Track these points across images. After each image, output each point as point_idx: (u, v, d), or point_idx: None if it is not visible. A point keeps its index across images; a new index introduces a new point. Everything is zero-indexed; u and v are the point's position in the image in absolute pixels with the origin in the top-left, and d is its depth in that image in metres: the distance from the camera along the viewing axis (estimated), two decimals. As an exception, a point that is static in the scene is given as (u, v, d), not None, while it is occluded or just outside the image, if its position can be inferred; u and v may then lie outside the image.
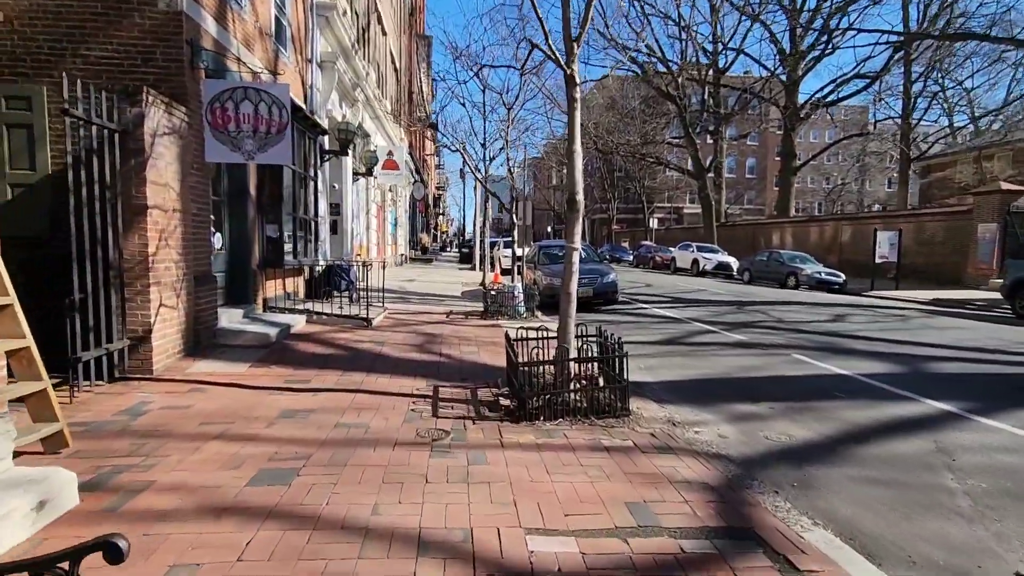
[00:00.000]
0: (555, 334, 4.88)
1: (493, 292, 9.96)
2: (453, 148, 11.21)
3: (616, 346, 4.56)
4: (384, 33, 20.95)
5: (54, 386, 4.13)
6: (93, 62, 5.53)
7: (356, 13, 14.78)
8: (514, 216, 10.71)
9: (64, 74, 4.16)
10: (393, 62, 23.68)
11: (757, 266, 20.79)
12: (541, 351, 4.86)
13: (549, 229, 60.47)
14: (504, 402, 4.62)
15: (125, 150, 4.85)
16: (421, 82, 32.10)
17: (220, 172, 7.28)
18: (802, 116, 30.19)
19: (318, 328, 7.61)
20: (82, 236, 4.33)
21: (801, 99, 29.98)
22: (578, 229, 4.68)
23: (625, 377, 4.45)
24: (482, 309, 10.25)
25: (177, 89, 5.68)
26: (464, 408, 4.53)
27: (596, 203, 53.07)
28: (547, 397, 4.35)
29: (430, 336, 7.59)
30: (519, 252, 10.88)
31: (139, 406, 4.22)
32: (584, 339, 4.94)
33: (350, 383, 5.10)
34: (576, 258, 4.69)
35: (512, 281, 10.61)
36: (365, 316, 8.00)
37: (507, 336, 4.97)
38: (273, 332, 6.47)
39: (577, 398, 4.47)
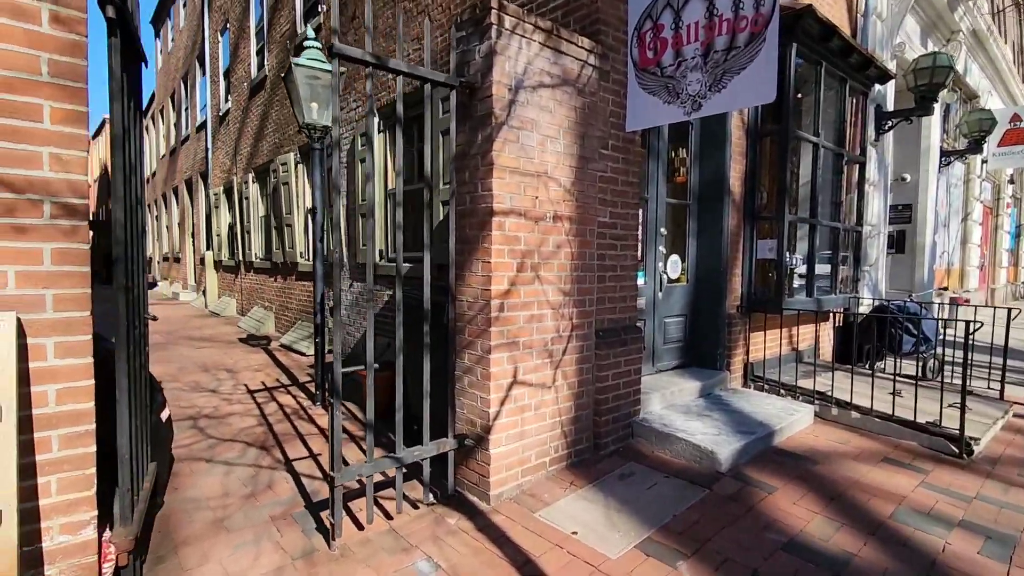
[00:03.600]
0: None
1: None
2: None
3: None
4: (1012, -62, 13.37)
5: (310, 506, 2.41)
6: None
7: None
8: None
9: (331, -14, 2.50)
10: (1026, -17, 15.12)
11: None
12: None
13: None
14: None
15: (466, 117, 2.91)
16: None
17: (692, 157, 4.67)
18: None
19: (833, 442, 3.82)
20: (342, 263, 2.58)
21: None
22: None
23: None
24: None
25: (587, 17, 3.42)
26: None
27: None
28: None
29: None
30: None
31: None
32: None
33: None
34: None
35: None
36: (957, 433, 3.59)
37: None
38: (728, 450, 3.28)
39: None
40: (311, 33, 4.68)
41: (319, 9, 7.17)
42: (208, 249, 13.13)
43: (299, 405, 4.79)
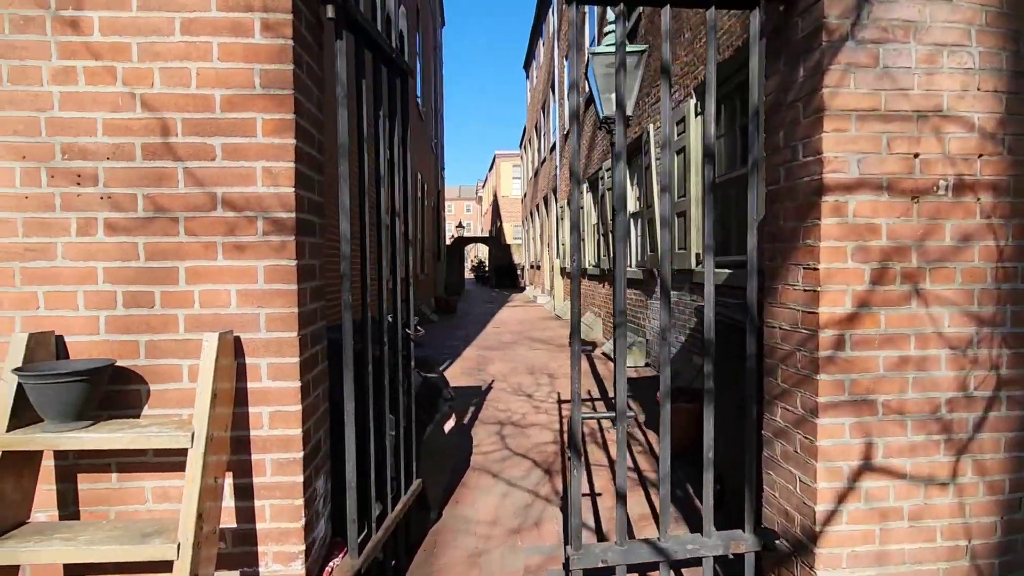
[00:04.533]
0: None
1: None
2: None
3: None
4: None
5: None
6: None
7: None
8: None
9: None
10: None
11: None
12: None
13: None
14: None
15: (779, 47, 1.87)
16: None
17: None
18: None
19: None
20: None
21: None
22: None
23: None
24: None
25: None
26: None
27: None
28: None
29: None
30: None
31: None
32: None
33: None
34: None
35: None
36: None
37: None
38: None
39: None
40: (612, 15, 4.24)
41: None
42: (557, 257, 14.45)
43: (598, 425, 4.40)
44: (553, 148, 14.91)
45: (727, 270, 4.38)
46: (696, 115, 4.96)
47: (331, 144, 1.78)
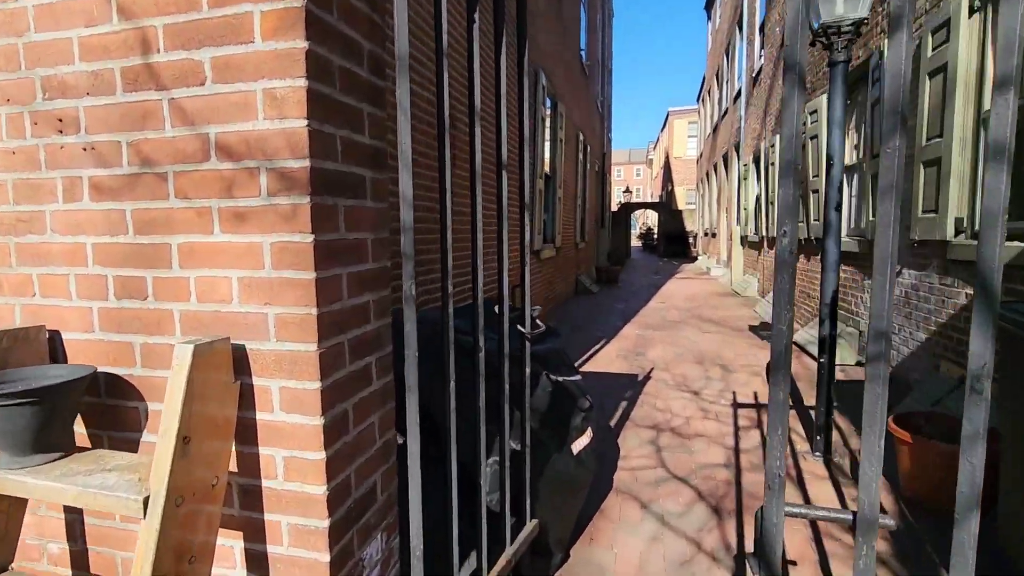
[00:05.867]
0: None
1: None
2: None
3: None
4: None
5: None
6: None
7: None
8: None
9: None
10: None
11: None
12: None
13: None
14: None
15: None
16: None
17: None
18: None
19: None
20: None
21: None
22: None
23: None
24: None
25: None
26: None
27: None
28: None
29: None
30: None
31: None
32: None
33: None
34: None
35: None
36: None
37: None
38: None
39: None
40: None
41: None
42: (737, 223, 12.64)
43: (788, 445, 3.35)
44: (737, 96, 12.87)
45: (1019, 243, 2.91)
46: (972, 12, 3.38)
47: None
